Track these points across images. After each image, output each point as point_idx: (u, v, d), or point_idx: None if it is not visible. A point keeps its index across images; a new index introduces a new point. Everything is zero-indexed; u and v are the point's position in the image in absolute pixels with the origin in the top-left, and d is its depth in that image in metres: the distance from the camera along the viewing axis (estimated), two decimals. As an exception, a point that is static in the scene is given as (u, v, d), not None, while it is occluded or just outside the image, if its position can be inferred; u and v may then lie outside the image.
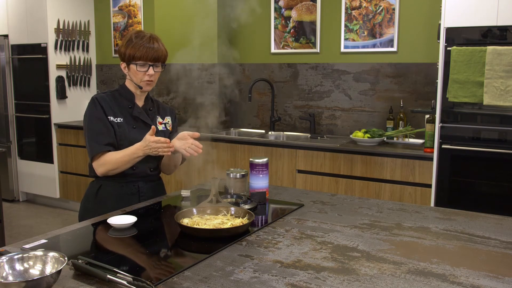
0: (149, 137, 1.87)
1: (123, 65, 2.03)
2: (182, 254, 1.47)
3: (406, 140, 3.63)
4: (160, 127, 2.11)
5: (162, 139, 1.87)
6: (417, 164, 3.21)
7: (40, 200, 5.38)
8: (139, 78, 2.00)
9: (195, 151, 1.92)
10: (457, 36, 3.01)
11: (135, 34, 2.00)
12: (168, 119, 2.18)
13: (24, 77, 5.24)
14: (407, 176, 3.25)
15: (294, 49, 4.28)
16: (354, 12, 3.94)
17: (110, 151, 1.95)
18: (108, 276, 1.19)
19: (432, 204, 3.15)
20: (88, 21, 5.35)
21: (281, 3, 4.31)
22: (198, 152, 1.92)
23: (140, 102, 2.09)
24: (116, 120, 1.99)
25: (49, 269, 1.22)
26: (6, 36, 5.28)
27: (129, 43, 1.98)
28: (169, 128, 2.17)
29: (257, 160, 2.00)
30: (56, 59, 5.04)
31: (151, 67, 1.99)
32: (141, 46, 1.95)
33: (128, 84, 2.08)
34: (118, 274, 1.20)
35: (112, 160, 1.93)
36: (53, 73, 5.02)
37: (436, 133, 3.11)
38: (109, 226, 1.64)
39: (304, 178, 3.63)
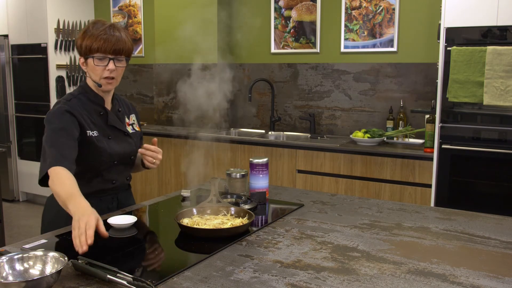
0: (91, 222, 1.31)
1: (81, 60, 1.74)
2: (182, 254, 1.47)
3: (406, 140, 3.63)
4: (129, 129, 1.89)
5: (89, 235, 1.28)
6: (417, 164, 3.21)
7: (40, 200, 5.38)
8: (98, 74, 1.71)
9: (153, 158, 1.83)
10: (457, 36, 3.01)
11: (92, 23, 1.72)
12: (133, 118, 1.95)
13: (24, 77, 5.24)
14: (407, 176, 3.25)
15: (294, 49, 4.28)
16: (354, 12, 3.94)
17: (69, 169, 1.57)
18: (108, 276, 1.19)
19: (432, 204, 3.14)
20: (88, 21, 5.35)
21: (281, 3, 4.30)
22: (155, 157, 1.83)
23: (108, 105, 1.83)
24: (92, 133, 1.74)
25: (49, 269, 1.22)
26: (6, 36, 5.29)
27: (86, 33, 1.69)
28: (137, 128, 1.94)
29: (257, 160, 2.00)
30: (56, 59, 5.04)
31: (111, 61, 1.69)
32: (98, 36, 1.66)
33: (90, 84, 1.79)
34: (118, 274, 1.20)
35: (59, 180, 1.52)
36: (53, 73, 5.03)
37: (436, 133, 3.11)
38: (109, 226, 1.64)
39: (304, 178, 3.63)
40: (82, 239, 1.26)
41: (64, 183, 1.50)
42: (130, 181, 1.98)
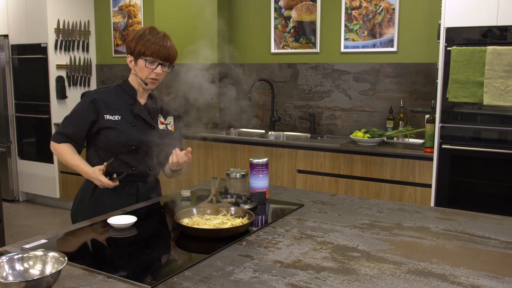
0: (98, 175, 1.93)
1: (129, 59, 2.02)
2: (182, 254, 1.47)
3: (406, 140, 3.63)
4: (161, 127, 2.09)
5: (105, 182, 1.92)
6: (417, 164, 3.21)
7: (40, 200, 5.38)
8: (145, 74, 1.98)
9: (183, 159, 1.97)
10: (457, 36, 3.01)
11: (149, 29, 1.99)
12: (170, 120, 2.16)
13: (24, 77, 5.24)
14: (407, 176, 3.25)
15: (294, 49, 4.28)
16: (354, 12, 3.94)
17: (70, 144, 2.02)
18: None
19: (432, 204, 3.14)
20: (88, 21, 5.35)
21: (281, 3, 4.30)
22: (184, 159, 1.97)
23: (142, 100, 2.07)
24: (113, 117, 1.98)
25: (49, 269, 1.22)
26: (6, 36, 5.28)
27: (141, 38, 1.96)
28: (171, 128, 2.14)
29: (257, 160, 2.00)
30: (56, 59, 5.04)
31: (159, 66, 1.98)
32: (154, 43, 1.95)
33: (131, 79, 2.06)
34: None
35: (63, 157, 2.01)
36: (53, 73, 5.02)
37: (436, 133, 3.11)
38: (109, 226, 1.64)
39: (304, 178, 3.63)
40: (105, 185, 1.92)
41: (65, 159, 2.01)
42: (154, 174, 2.10)
